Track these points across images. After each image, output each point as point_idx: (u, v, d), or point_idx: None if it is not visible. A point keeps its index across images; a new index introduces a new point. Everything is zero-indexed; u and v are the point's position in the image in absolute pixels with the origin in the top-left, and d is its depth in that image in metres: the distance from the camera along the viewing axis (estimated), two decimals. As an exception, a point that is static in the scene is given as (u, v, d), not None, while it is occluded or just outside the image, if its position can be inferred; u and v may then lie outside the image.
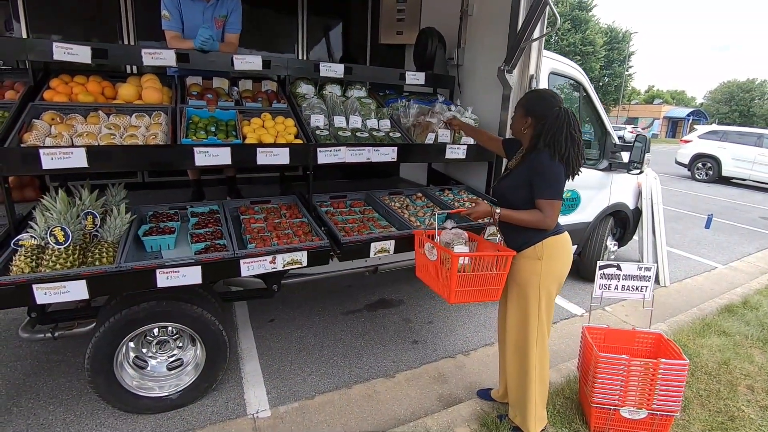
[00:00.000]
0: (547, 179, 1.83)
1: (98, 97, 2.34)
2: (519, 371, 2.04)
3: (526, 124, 1.94)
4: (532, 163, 1.88)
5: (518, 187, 1.93)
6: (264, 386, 2.54)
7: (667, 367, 2.10)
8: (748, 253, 5.87)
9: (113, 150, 1.94)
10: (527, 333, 1.97)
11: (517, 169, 1.99)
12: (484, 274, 1.86)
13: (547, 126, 1.84)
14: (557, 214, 1.88)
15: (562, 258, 1.97)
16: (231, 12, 2.82)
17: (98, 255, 1.80)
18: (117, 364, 2.11)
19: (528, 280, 1.93)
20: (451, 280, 1.81)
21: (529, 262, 1.93)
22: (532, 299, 1.93)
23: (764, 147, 10.84)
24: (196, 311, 2.17)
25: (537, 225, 1.86)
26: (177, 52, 2.33)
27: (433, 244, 1.91)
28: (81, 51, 2.15)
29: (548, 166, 1.82)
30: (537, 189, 1.85)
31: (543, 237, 1.91)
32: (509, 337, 2.06)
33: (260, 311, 3.40)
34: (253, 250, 1.98)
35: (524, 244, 1.94)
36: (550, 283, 1.94)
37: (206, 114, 2.35)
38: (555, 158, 1.82)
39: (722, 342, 3.22)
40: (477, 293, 1.89)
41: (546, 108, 1.87)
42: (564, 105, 1.88)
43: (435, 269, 1.96)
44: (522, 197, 1.92)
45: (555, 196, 1.85)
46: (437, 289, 1.99)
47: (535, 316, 1.94)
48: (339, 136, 2.50)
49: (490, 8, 3.11)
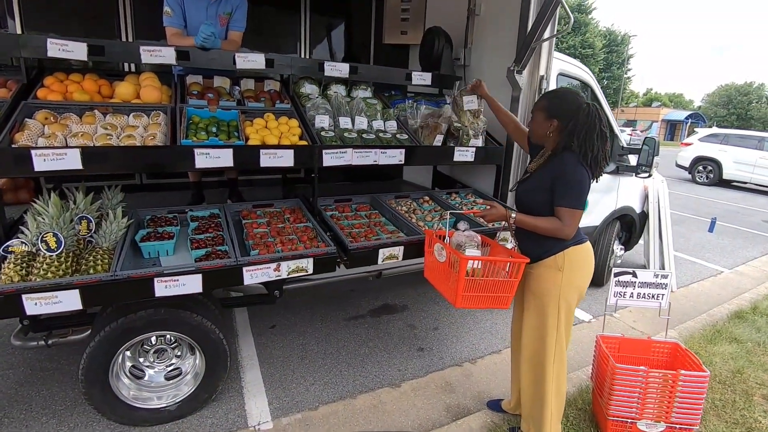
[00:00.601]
0: (571, 186, 1.72)
1: (94, 96, 2.24)
2: (535, 384, 1.95)
3: (551, 127, 1.81)
4: (557, 166, 1.77)
5: (538, 191, 1.83)
6: (265, 396, 2.45)
7: (687, 379, 2.02)
8: (753, 257, 5.82)
9: (109, 151, 1.85)
10: (545, 346, 1.87)
11: (538, 173, 1.88)
12: (494, 280, 1.78)
13: (579, 126, 1.72)
14: (577, 224, 1.77)
15: (584, 269, 1.87)
16: (236, 9, 2.74)
17: (92, 262, 1.70)
18: (113, 374, 2.02)
19: (547, 292, 1.83)
20: (459, 284, 1.73)
21: (548, 273, 1.83)
22: (551, 311, 1.84)
23: (765, 150, 10.81)
24: (196, 319, 2.08)
25: (554, 234, 1.76)
26: (177, 49, 2.24)
27: (443, 245, 1.82)
28: (77, 48, 2.06)
29: (573, 172, 1.72)
30: (558, 195, 1.75)
31: (564, 246, 1.81)
32: (525, 349, 1.96)
33: (261, 317, 3.31)
34: (257, 258, 1.89)
35: (544, 253, 1.84)
36: (571, 295, 1.84)
37: (207, 114, 2.26)
38: (585, 160, 1.72)
39: (734, 350, 3.14)
40: (485, 299, 1.80)
41: (572, 107, 1.75)
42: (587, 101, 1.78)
43: (444, 271, 1.88)
44: (541, 202, 1.82)
45: (577, 205, 1.73)
46: (444, 291, 1.91)
47: (553, 328, 1.85)
48: (345, 138, 2.41)
49: (499, 7, 3.03)
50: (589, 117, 1.71)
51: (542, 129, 1.85)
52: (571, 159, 1.73)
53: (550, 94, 1.92)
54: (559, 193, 1.74)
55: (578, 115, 1.72)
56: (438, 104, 3.01)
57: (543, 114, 1.84)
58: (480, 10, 3.21)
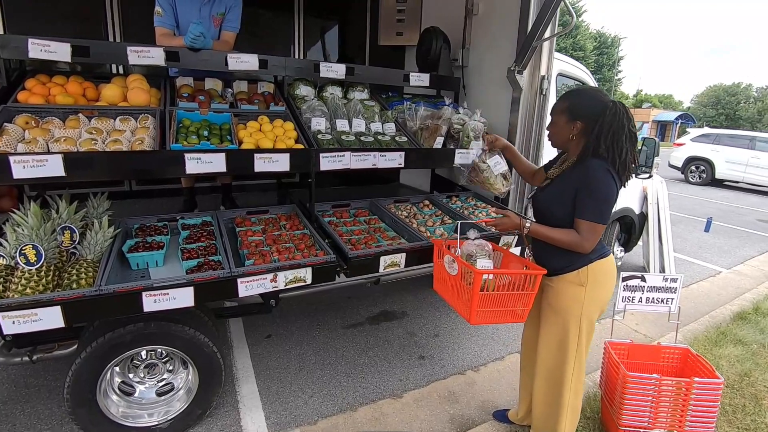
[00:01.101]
0: (596, 198, 1.57)
1: (79, 99, 2.14)
2: (550, 400, 1.85)
3: (575, 130, 1.67)
4: (582, 175, 1.61)
5: (560, 201, 1.68)
6: (262, 410, 2.35)
7: (701, 387, 1.95)
8: (750, 256, 5.82)
9: (94, 157, 1.74)
10: (564, 363, 1.76)
11: (560, 180, 1.73)
12: (511, 293, 1.67)
13: (605, 127, 1.58)
14: (597, 240, 1.63)
15: (608, 283, 1.75)
16: (230, 9, 2.65)
17: (76, 276, 1.59)
18: (101, 392, 1.91)
19: (568, 308, 1.72)
20: (473, 299, 1.62)
21: (570, 288, 1.71)
22: (572, 328, 1.72)
23: (757, 149, 10.90)
24: (188, 332, 1.98)
25: (570, 247, 1.64)
26: (166, 50, 2.15)
27: (454, 256, 1.72)
28: (60, 48, 1.95)
29: (600, 183, 1.57)
30: (581, 206, 1.60)
31: (589, 261, 1.68)
32: (541, 365, 1.85)
33: (256, 326, 3.20)
34: (252, 268, 1.79)
35: (566, 267, 1.71)
36: (593, 311, 1.73)
37: (198, 117, 2.16)
38: (613, 166, 1.58)
39: (740, 352, 3.09)
40: (502, 314, 1.69)
41: (597, 106, 1.61)
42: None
43: (455, 284, 1.76)
44: (562, 213, 1.68)
45: (600, 220, 1.59)
46: (457, 306, 1.80)
47: (574, 344, 1.74)
48: (342, 141, 2.33)
49: (498, 7, 2.97)
50: (617, 116, 1.57)
51: (565, 133, 1.71)
52: (599, 168, 1.57)
53: (571, 94, 1.75)
54: (583, 204, 1.60)
55: (604, 115, 1.58)
56: (437, 106, 2.94)
57: (565, 116, 1.69)
58: (478, 10, 3.14)
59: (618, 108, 1.58)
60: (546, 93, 2.76)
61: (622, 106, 1.59)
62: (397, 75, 2.92)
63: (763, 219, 8.27)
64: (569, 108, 1.68)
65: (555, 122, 1.74)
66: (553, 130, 1.76)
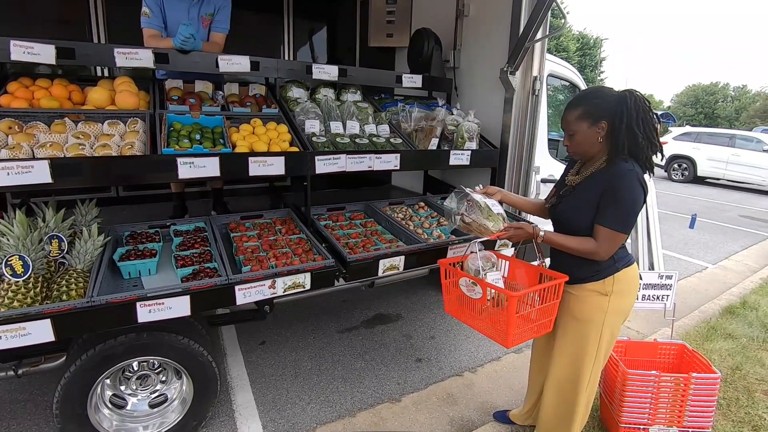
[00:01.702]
0: (622, 205, 1.48)
1: (64, 103, 2.06)
2: (562, 411, 1.82)
3: (601, 131, 1.56)
4: (609, 178, 1.52)
5: (585, 208, 1.58)
6: (259, 419, 2.30)
7: (699, 382, 1.97)
8: (735, 251, 5.94)
9: (82, 162, 1.68)
10: (580, 374, 1.72)
11: (585, 186, 1.62)
12: (540, 308, 1.60)
13: (633, 114, 1.48)
14: (614, 249, 1.55)
15: (633, 293, 1.70)
16: (219, 10, 2.60)
17: (65, 287, 1.53)
18: (92, 406, 1.84)
19: (590, 318, 1.66)
20: (509, 325, 1.52)
21: (593, 297, 1.64)
22: (592, 338, 1.67)
23: (737, 147, 11.18)
24: (182, 342, 1.92)
25: (585, 255, 1.57)
26: (155, 51, 2.09)
27: (475, 279, 1.61)
28: (43, 50, 1.88)
29: (628, 190, 1.47)
30: (604, 212, 1.51)
31: (615, 269, 1.62)
32: (555, 373, 1.80)
33: (249, 333, 3.14)
34: (250, 275, 1.74)
35: (592, 275, 1.64)
36: (616, 322, 1.68)
37: (189, 120, 2.11)
38: (654, 151, 1.51)
39: (730, 346, 3.15)
40: (533, 330, 1.63)
41: (613, 99, 1.53)
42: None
43: (476, 307, 1.66)
44: (587, 221, 1.58)
45: (623, 229, 1.51)
46: (483, 330, 1.69)
47: (592, 355, 1.69)
48: (337, 143, 2.30)
49: (489, 8, 2.98)
50: (639, 102, 1.49)
51: (591, 138, 1.58)
52: (629, 175, 1.48)
53: (582, 100, 1.62)
54: (606, 210, 1.51)
55: (627, 105, 1.49)
56: (429, 107, 2.93)
57: (585, 122, 1.57)
58: (469, 12, 3.15)
59: (636, 94, 1.52)
60: (538, 93, 2.77)
61: (638, 92, 1.52)
62: (389, 76, 2.91)
63: (745, 215, 8.47)
64: (586, 112, 1.57)
65: (575, 131, 1.61)
66: (577, 141, 1.62)
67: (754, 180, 10.92)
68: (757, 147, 10.90)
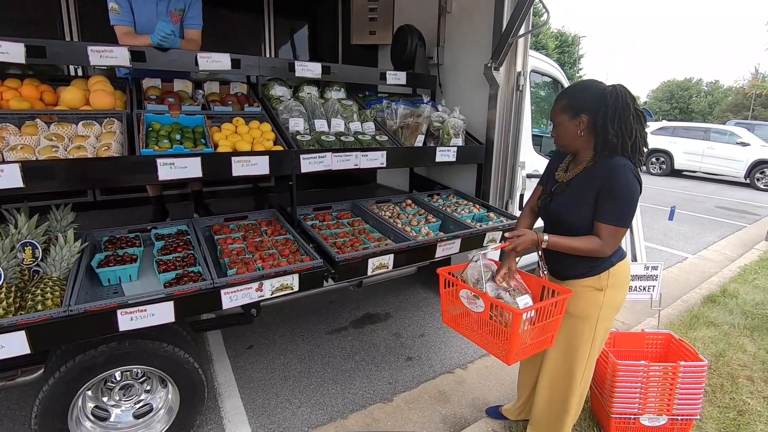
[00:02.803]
0: (621, 201, 1.49)
1: (35, 104, 1.97)
2: (557, 407, 1.82)
3: (581, 125, 1.56)
4: (603, 175, 1.52)
5: (580, 205, 1.57)
6: (249, 425, 2.25)
7: (687, 370, 2.00)
8: (712, 241, 6.10)
9: (56, 165, 1.61)
10: (573, 369, 1.72)
11: (577, 184, 1.61)
12: (543, 324, 1.55)
13: (610, 110, 1.49)
14: (618, 244, 1.56)
15: (626, 285, 1.70)
16: (189, 6, 2.52)
17: (41, 296, 1.45)
18: (73, 420, 1.77)
19: (585, 313, 1.65)
20: (512, 342, 1.46)
21: (588, 293, 1.63)
22: (587, 333, 1.67)
23: (712, 140, 11.51)
24: (166, 349, 1.86)
25: (591, 254, 1.55)
26: (131, 49, 2.01)
27: (477, 293, 1.55)
28: (12, 49, 1.79)
29: (624, 185, 1.48)
30: (604, 211, 1.51)
31: (610, 264, 1.61)
32: (548, 368, 1.80)
33: (236, 337, 3.08)
34: (236, 278, 1.69)
35: (588, 271, 1.63)
36: (610, 316, 1.68)
37: (169, 120, 2.04)
38: (625, 150, 1.50)
39: (713, 334, 3.22)
40: (535, 346, 1.59)
41: (596, 93, 1.53)
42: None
43: (477, 321, 1.61)
44: (582, 219, 1.57)
45: (623, 223, 1.51)
46: (483, 345, 1.64)
47: (586, 350, 1.69)
48: (322, 141, 2.26)
49: (472, 4, 2.98)
50: (619, 98, 1.49)
51: (572, 132, 1.59)
52: (623, 169, 1.49)
53: (567, 92, 1.64)
54: (606, 208, 1.51)
55: (606, 100, 1.50)
56: (414, 104, 2.92)
57: (567, 115, 1.59)
58: (451, 8, 3.15)
59: (619, 90, 1.51)
60: (522, 89, 2.78)
61: (622, 87, 1.52)
62: (373, 73, 2.88)
63: (721, 206, 8.72)
64: (568, 104, 1.59)
65: (558, 124, 1.63)
66: (559, 132, 1.64)
67: (729, 172, 11.27)
68: (730, 140, 11.26)
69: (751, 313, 3.57)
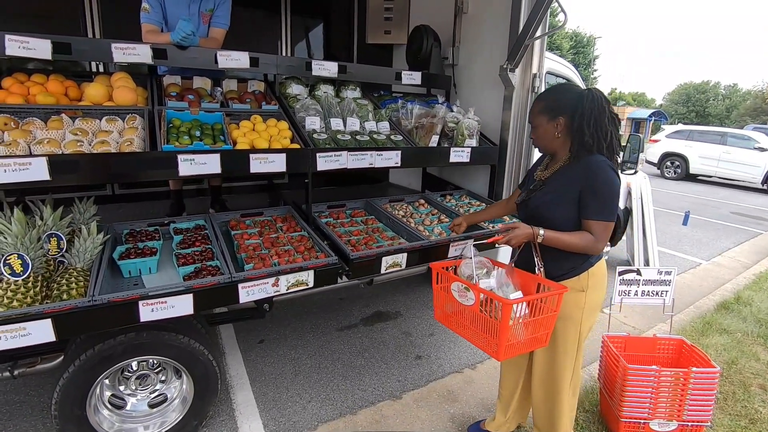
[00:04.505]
0: (604, 196, 1.52)
1: (61, 99, 2.03)
2: (550, 406, 1.82)
3: (559, 127, 1.62)
4: (582, 174, 1.55)
5: (561, 203, 1.60)
6: (260, 418, 2.29)
7: (698, 376, 1.99)
8: (727, 248, 6.01)
9: (81, 159, 1.65)
10: (563, 369, 1.73)
11: (555, 181, 1.65)
12: (537, 319, 1.52)
13: (586, 113, 1.54)
14: (608, 238, 1.58)
15: (605, 286, 1.72)
16: (218, 5, 2.58)
17: (66, 286, 1.50)
18: (91, 407, 1.82)
19: (569, 316, 1.65)
20: (502, 335, 1.43)
21: (571, 295, 1.62)
22: (572, 334, 1.68)
23: (728, 145, 11.32)
24: (182, 341, 1.90)
25: (586, 251, 1.57)
26: (153, 47, 2.06)
27: (468, 285, 1.54)
28: (39, 45, 1.85)
29: (604, 181, 1.52)
30: (589, 207, 1.54)
31: (590, 264, 1.64)
32: (539, 371, 1.81)
33: (247, 331, 3.12)
34: (253, 272, 1.72)
35: (569, 272, 1.64)
36: (593, 316, 1.70)
37: (189, 117, 2.08)
38: (601, 151, 1.54)
39: (726, 341, 3.19)
40: (527, 343, 1.57)
41: (573, 97, 1.59)
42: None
43: (468, 315, 1.58)
44: (563, 215, 1.60)
45: (610, 217, 1.54)
46: (474, 340, 1.61)
47: (573, 351, 1.71)
48: (338, 140, 2.28)
49: (488, 5, 2.98)
50: (595, 101, 1.54)
51: (549, 133, 1.65)
52: (600, 165, 1.53)
53: (545, 95, 1.72)
54: (591, 205, 1.54)
55: (582, 103, 1.55)
56: (429, 104, 2.92)
57: (545, 117, 1.65)
58: (467, 8, 3.14)
59: (594, 93, 1.57)
60: (537, 91, 2.77)
61: (598, 91, 1.58)
62: (389, 73, 2.90)
63: (737, 212, 8.58)
64: (546, 107, 1.64)
65: (537, 125, 1.69)
66: (538, 134, 1.70)
67: (745, 177, 11.07)
68: (748, 145, 11.05)
69: (765, 321, 3.52)
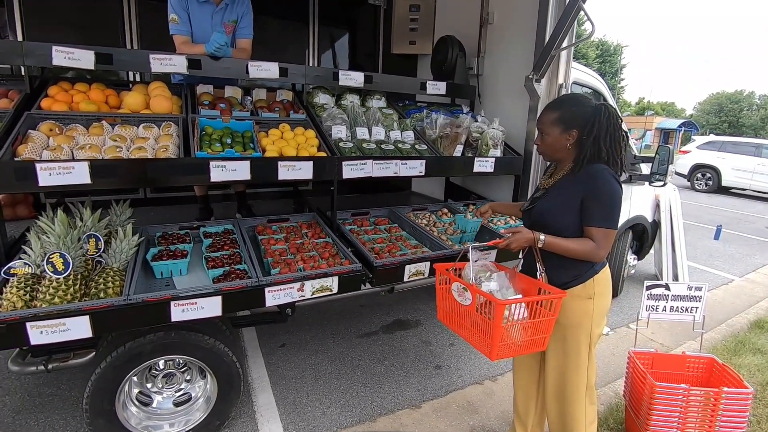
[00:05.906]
0: (606, 204, 1.53)
1: (101, 106, 2.14)
2: (567, 420, 1.78)
3: (571, 139, 1.62)
4: (584, 182, 1.57)
5: (564, 210, 1.61)
6: (280, 421, 2.32)
7: (730, 397, 1.92)
8: (762, 264, 5.77)
9: (120, 164, 1.74)
10: (577, 380, 1.71)
11: (559, 189, 1.66)
12: (533, 322, 1.54)
13: (603, 129, 1.55)
14: (610, 246, 1.58)
15: (609, 293, 1.71)
16: (241, 17, 2.66)
17: (103, 285, 1.57)
18: (120, 403, 1.88)
19: (578, 324, 1.65)
20: (494, 334, 1.46)
21: (578, 303, 1.63)
22: (583, 343, 1.66)
23: (763, 157, 10.88)
24: (208, 342, 1.95)
25: (587, 257, 1.57)
26: (188, 57, 2.15)
27: (467, 285, 1.56)
28: (83, 56, 1.95)
29: (606, 189, 1.53)
30: (591, 215, 1.55)
31: (595, 272, 1.63)
32: (552, 384, 1.78)
33: (269, 335, 3.17)
34: (279, 277, 1.76)
35: (574, 280, 1.63)
36: (601, 324, 1.69)
37: (220, 125, 2.15)
38: (615, 168, 1.57)
39: (760, 361, 3.05)
40: (524, 346, 1.57)
41: (589, 111, 1.59)
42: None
43: (466, 315, 1.59)
44: (566, 223, 1.61)
45: (612, 225, 1.55)
46: (471, 340, 1.63)
47: (585, 360, 1.68)
48: (363, 149, 2.32)
49: (514, 16, 2.98)
50: (611, 119, 1.56)
51: (560, 144, 1.64)
52: (603, 173, 1.54)
53: (557, 105, 1.69)
54: (593, 212, 1.55)
55: (599, 119, 1.56)
56: (453, 114, 2.94)
57: (558, 128, 1.63)
58: (493, 19, 3.15)
59: (609, 109, 1.58)
60: (564, 101, 2.75)
61: (611, 107, 1.59)
62: (413, 83, 2.93)
63: (772, 227, 8.22)
64: (561, 118, 1.63)
65: (548, 134, 1.67)
66: (547, 142, 1.68)
67: (782, 191, 10.62)
68: (784, 157, 10.62)
69: (803, 343, 3.36)
